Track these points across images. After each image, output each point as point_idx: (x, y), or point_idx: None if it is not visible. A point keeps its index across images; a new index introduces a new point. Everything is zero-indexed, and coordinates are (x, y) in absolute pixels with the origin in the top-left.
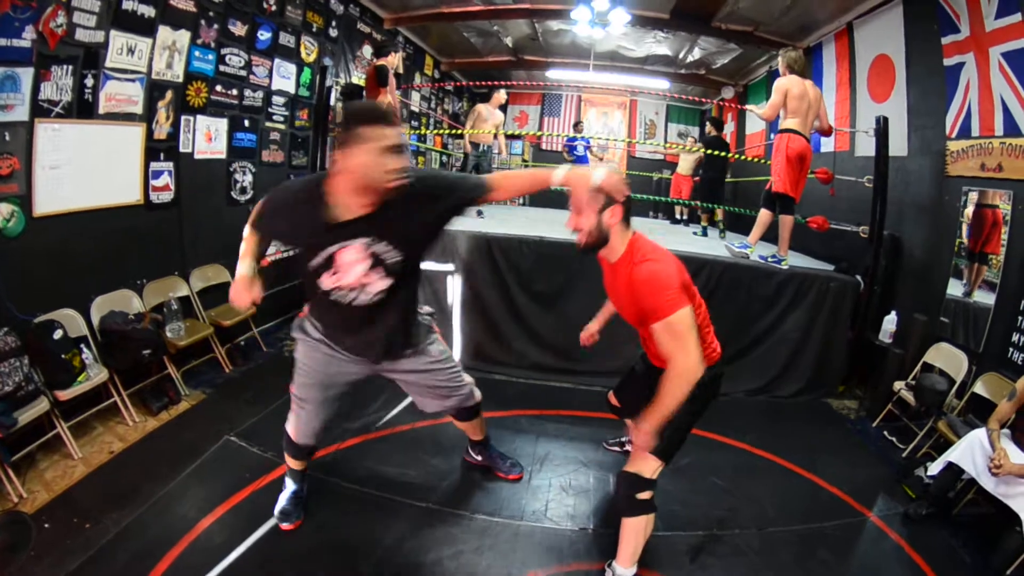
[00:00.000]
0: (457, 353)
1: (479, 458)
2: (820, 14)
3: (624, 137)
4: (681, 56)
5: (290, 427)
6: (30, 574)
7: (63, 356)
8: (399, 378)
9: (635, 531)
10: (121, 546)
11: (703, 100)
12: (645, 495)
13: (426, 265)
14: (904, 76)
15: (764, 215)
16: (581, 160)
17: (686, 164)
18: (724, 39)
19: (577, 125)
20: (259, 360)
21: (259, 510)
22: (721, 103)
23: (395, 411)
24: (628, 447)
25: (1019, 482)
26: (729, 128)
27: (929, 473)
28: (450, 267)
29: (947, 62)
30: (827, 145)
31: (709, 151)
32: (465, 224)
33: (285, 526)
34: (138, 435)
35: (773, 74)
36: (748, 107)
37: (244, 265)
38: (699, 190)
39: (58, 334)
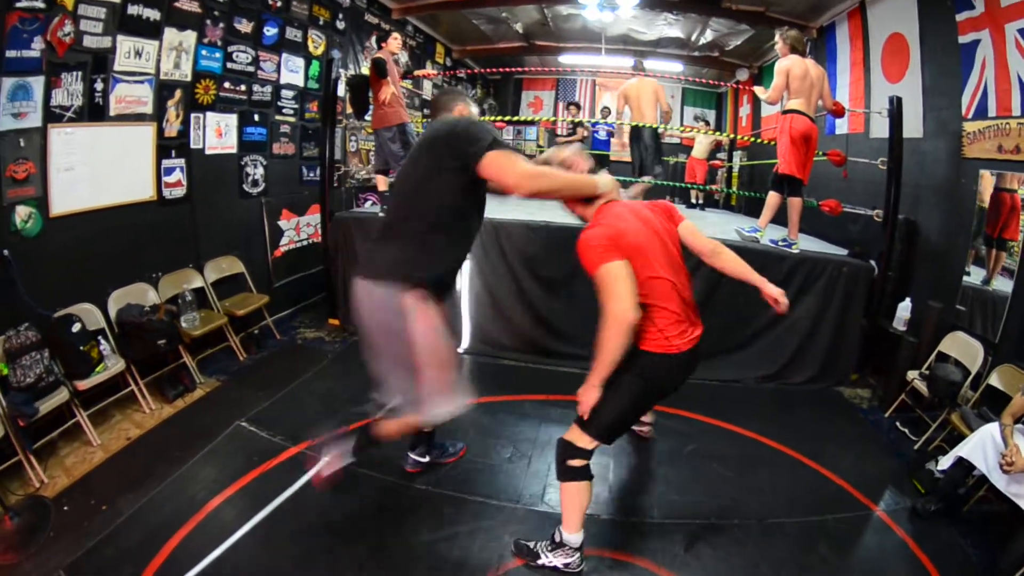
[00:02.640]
0: (466, 338)
1: (425, 459)
2: None
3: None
4: (693, 38)
5: (446, 411)
6: (50, 553)
7: (81, 348)
8: None
9: (569, 496)
10: (135, 526)
11: (718, 83)
12: (576, 462)
13: None
14: (919, 55)
15: (772, 198)
16: (603, 145)
17: (701, 148)
18: (735, 20)
19: (604, 110)
20: (273, 348)
21: (265, 491)
22: (736, 85)
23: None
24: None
25: None
26: (745, 111)
27: (939, 468)
28: None
29: (962, 40)
30: (841, 127)
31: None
32: None
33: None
34: (154, 422)
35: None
36: (754, 89)
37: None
38: None
39: (76, 327)
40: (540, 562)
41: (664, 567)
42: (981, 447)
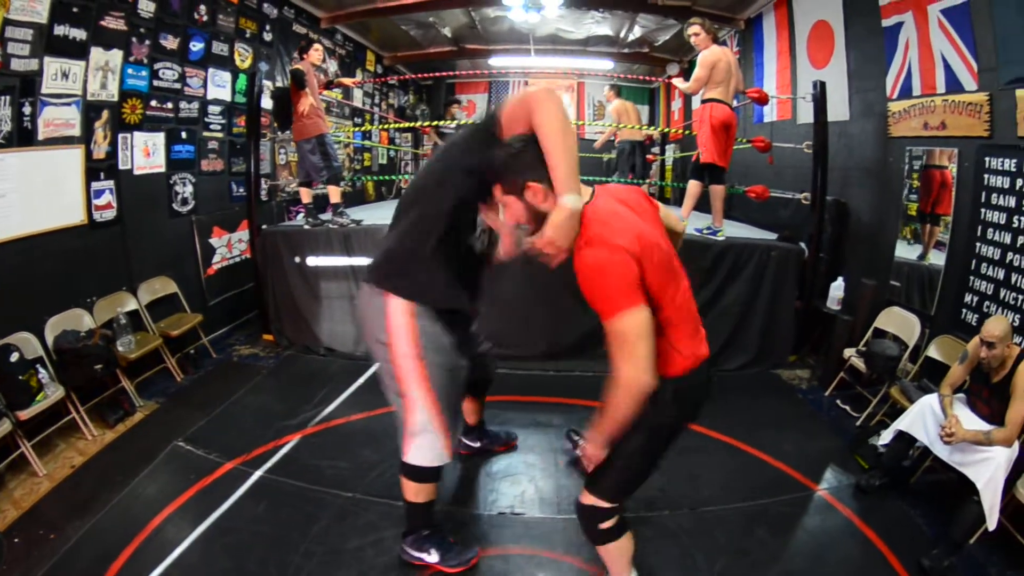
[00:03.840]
0: None
1: (476, 444)
2: None
3: (573, 118)
4: (622, 35)
5: (435, 453)
6: None
7: (20, 377)
8: None
9: (612, 557)
10: (82, 551)
11: (648, 79)
12: (607, 524)
13: (358, 260)
14: (843, 40)
15: (693, 186)
16: None
17: (628, 129)
18: (662, 15)
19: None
20: (209, 367)
21: (201, 507)
22: (667, 80)
23: (332, 406)
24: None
25: (974, 449)
26: (677, 104)
27: (881, 442)
28: None
29: (885, 23)
30: (769, 114)
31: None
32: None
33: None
34: (97, 447)
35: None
36: (674, 82)
37: None
38: None
39: (14, 357)
40: None
41: (591, 563)
42: (921, 419)
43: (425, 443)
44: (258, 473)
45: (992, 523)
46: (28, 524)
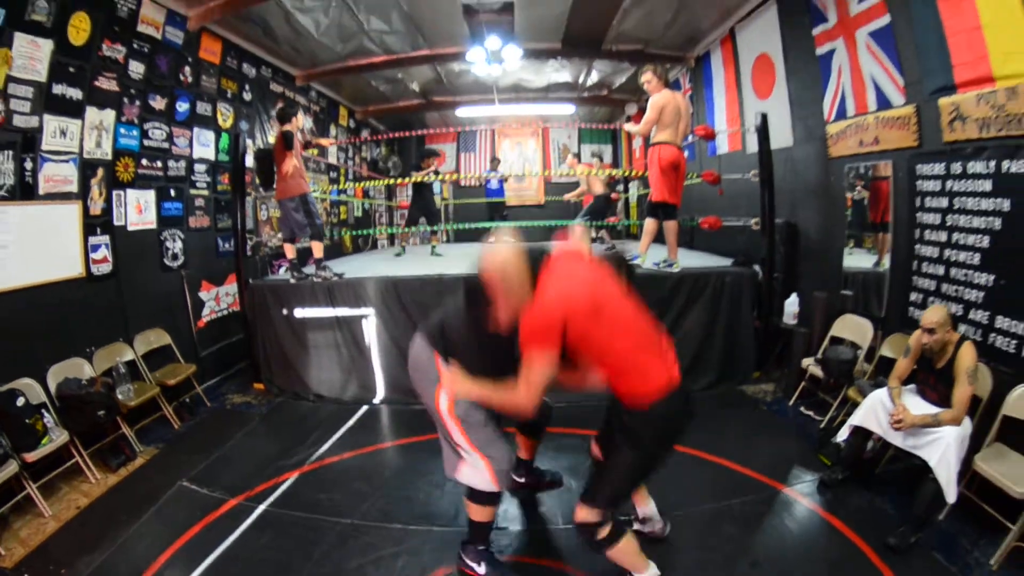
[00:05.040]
0: (380, 389)
1: (522, 480)
2: (703, 23)
3: (539, 163)
4: (581, 80)
5: (483, 480)
6: None
7: (27, 421)
8: None
9: (620, 555)
10: None
11: (606, 125)
12: (604, 532)
13: (342, 311)
14: (783, 71)
15: (649, 224)
16: (497, 193)
17: (598, 184)
18: (616, 60)
19: (494, 161)
20: (204, 415)
21: (209, 540)
22: (619, 126)
23: (325, 447)
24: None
25: (925, 432)
26: (638, 143)
27: (838, 439)
28: (364, 311)
29: (819, 51)
30: (722, 147)
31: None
32: (372, 270)
33: None
34: (101, 490)
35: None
36: (626, 127)
37: None
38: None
39: (20, 401)
40: None
41: (571, 566)
42: (873, 412)
43: (474, 472)
44: (261, 507)
45: (950, 496)
46: (38, 561)
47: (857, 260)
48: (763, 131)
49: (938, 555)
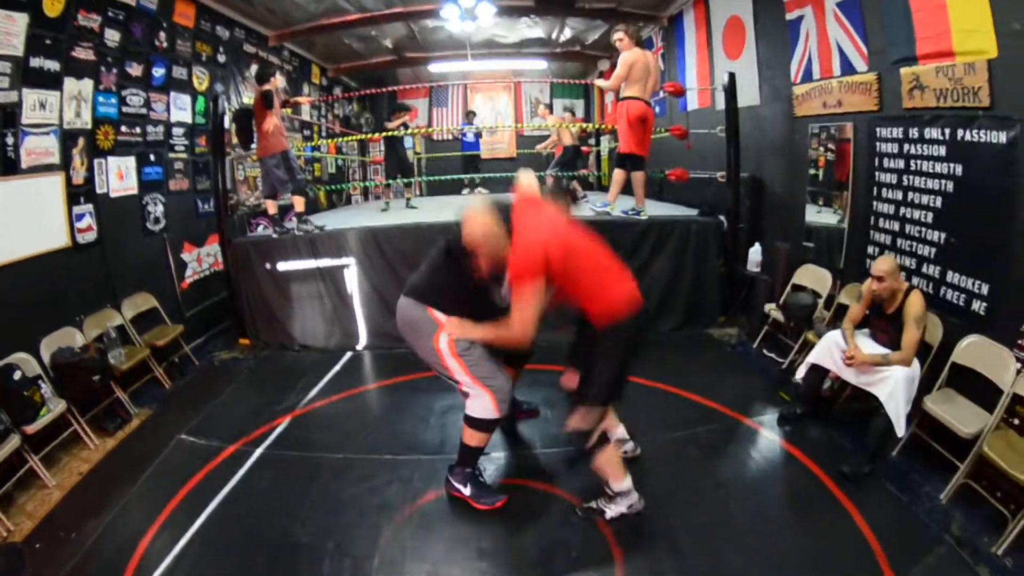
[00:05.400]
0: (363, 335)
1: None
2: None
3: (511, 117)
4: (554, 36)
5: (486, 408)
6: None
7: (25, 393)
8: None
9: (601, 463)
10: (107, 538)
11: (579, 82)
12: (592, 439)
13: (324, 262)
14: (753, 33)
15: (618, 174)
16: (472, 147)
17: (568, 136)
18: (589, 17)
19: (470, 114)
20: (193, 373)
21: (212, 487)
22: (590, 82)
23: (313, 392)
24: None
25: (876, 371)
26: (610, 98)
27: (797, 376)
28: (345, 261)
29: (789, 16)
30: (692, 103)
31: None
32: (353, 221)
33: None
34: (101, 454)
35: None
36: (596, 83)
37: None
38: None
39: (17, 375)
40: (608, 516)
41: (550, 485)
42: (828, 351)
43: (477, 402)
44: (259, 451)
45: (900, 430)
46: (47, 530)
47: (824, 217)
48: (731, 90)
49: (891, 486)
